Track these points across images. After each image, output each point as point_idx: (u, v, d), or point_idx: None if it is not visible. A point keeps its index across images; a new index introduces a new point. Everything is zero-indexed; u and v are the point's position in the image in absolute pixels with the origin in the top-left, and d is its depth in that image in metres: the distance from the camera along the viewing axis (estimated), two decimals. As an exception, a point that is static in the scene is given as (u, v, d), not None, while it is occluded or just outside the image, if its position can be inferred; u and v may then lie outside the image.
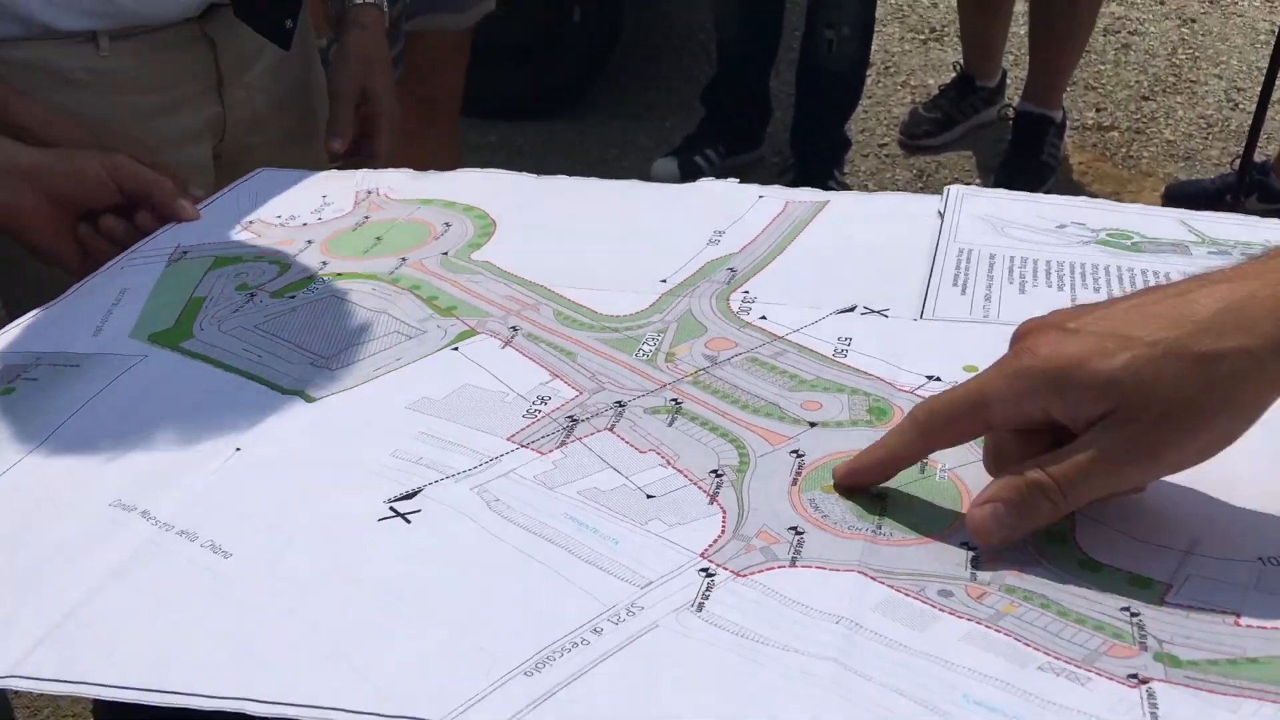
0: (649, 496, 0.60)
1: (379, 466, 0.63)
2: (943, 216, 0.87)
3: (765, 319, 0.75)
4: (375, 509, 0.60)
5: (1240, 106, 3.24)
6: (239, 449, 0.66)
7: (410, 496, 0.61)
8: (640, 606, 0.52)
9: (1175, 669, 0.48)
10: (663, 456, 0.63)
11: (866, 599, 0.53)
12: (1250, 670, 0.48)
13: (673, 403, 0.67)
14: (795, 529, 0.57)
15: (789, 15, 3.04)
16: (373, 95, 1.24)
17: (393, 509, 0.60)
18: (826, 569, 0.54)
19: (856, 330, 0.73)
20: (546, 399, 0.68)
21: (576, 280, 0.81)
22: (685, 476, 0.61)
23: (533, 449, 0.64)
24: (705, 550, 0.56)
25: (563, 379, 0.70)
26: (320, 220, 0.93)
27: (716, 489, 0.60)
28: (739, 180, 0.95)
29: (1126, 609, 0.51)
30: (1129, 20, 3.71)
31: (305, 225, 0.93)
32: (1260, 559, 0.54)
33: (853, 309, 0.76)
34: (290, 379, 0.72)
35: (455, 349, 0.74)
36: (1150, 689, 0.48)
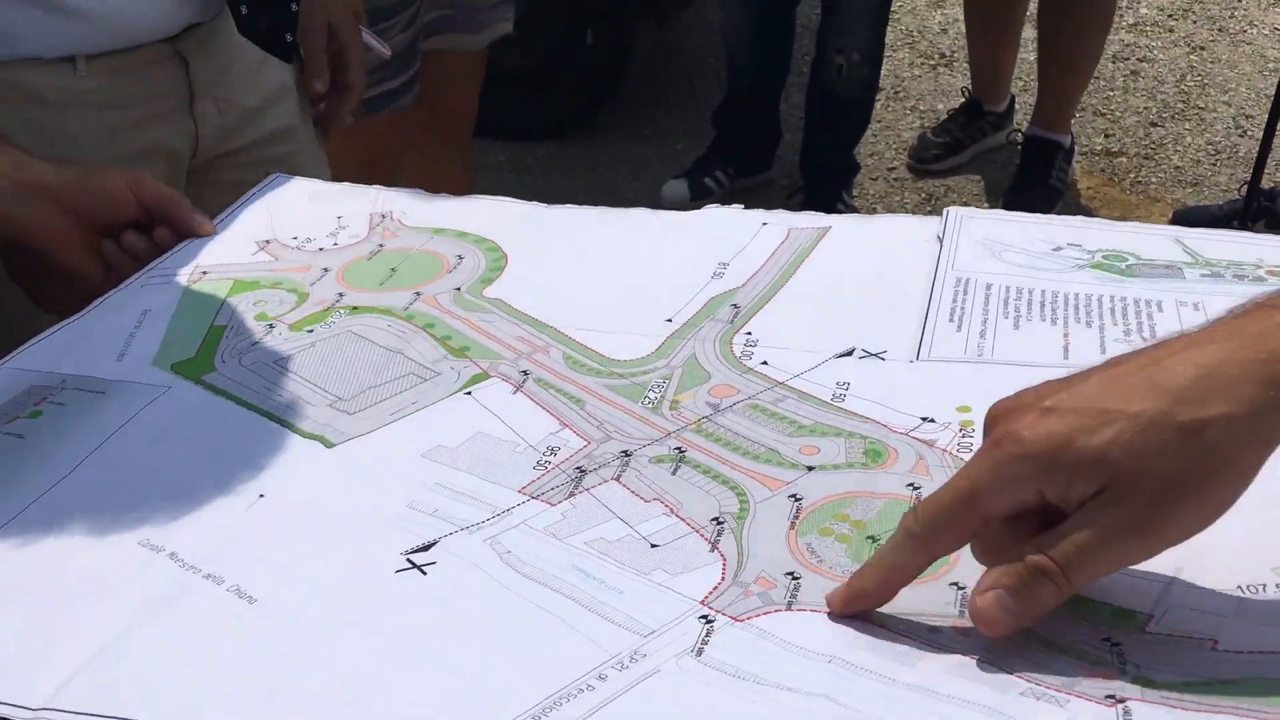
0: (653, 546, 0.62)
1: (396, 518, 0.65)
2: (941, 241, 0.89)
3: (767, 364, 0.77)
4: (393, 560, 0.62)
5: (1248, 133, 3.25)
6: (263, 495, 0.68)
7: (426, 549, 0.63)
8: (643, 653, 0.55)
9: (1152, 690, 0.51)
10: (666, 505, 0.65)
11: (859, 639, 0.55)
12: (1225, 690, 0.50)
13: (676, 451, 0.70)
14: (792, 574, 0.60)
15: (799, 40, 3.07)
16: (337, 30, 1.31)
17: (410, 561, 0.62)
18: (819, 612, 0.57)
19: (854, 375, 0.76)
20: (556, 449, 0.70)
21: (585, 321, 0.83)
22: (688, 525, 0.64)
23: (543, 500, 0.66)
24: (705, 597, 0.59)
25: (572, 428, 0.72)
26: (336, 246, 0.96)
27: (717, 536, 0.63)
28: (745, 204, 0.98)
29: (1107, 639, 0.54)
30: (1138, 47, 3.73)
31: (321, 250, 0.95)
32: (1240, 587, 0.56)
33: (851, 352, 0.78)
34: (310, 422, 0.74)
35: (468, 393, 0.76)
36: (1126, 707, 0.50)
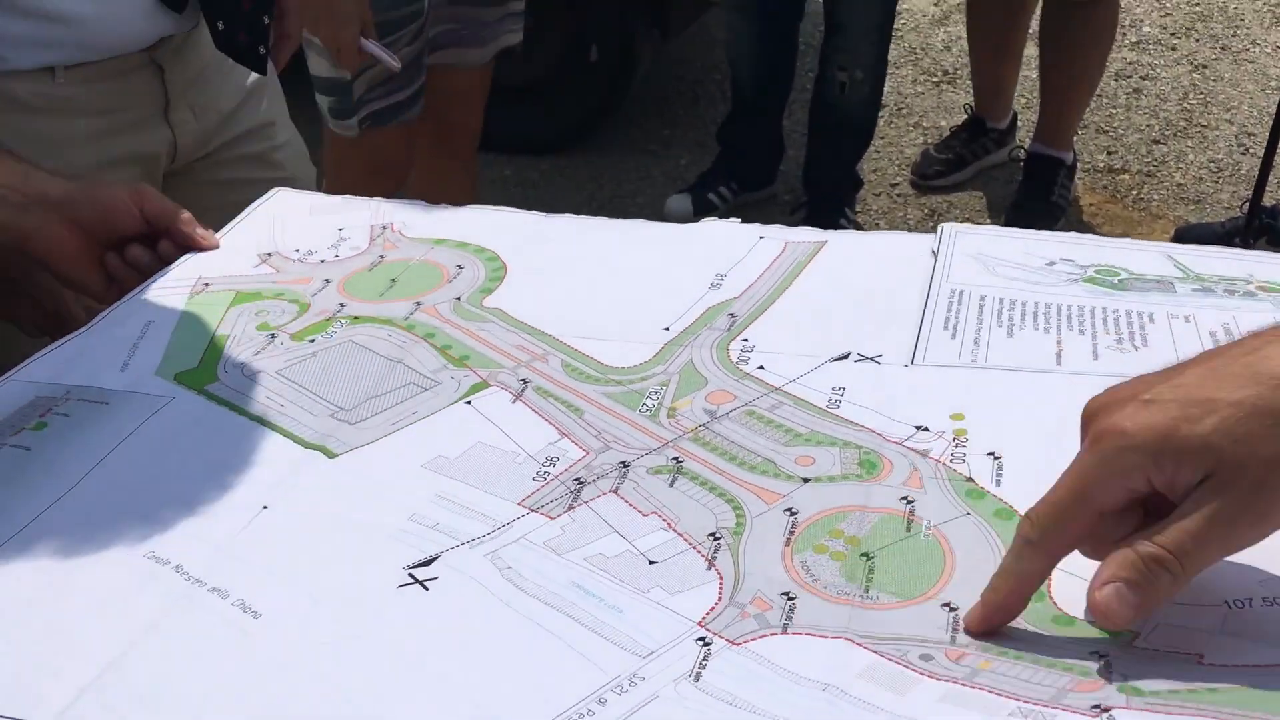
0: (651, 562, 0.63)
1: (398, 531, 0.66)
2: (936, 255, 0.90)
3: (763, 369, 0.78)
4: (395, 575, 0.63)
5: (1251, 151, 3.26)
6: (266, 507, 0.68)
7: (428, 563, 0.63)
8: (641, 677, 0.55)
9: (1138, 697, 0.51)
10: (664, 519, 0.66)
11: (852, 665, 0.55)
12: (1210, 697, 0.51)
13: (674, 461, 0.70)
14: (787, 594, 0.60)
15: (803, 57, 3.08)
16: None
17: (412, 575, 0.62)
18: (815, 635, 0.57)
19: (850, 379, 0.76)
20: (555, 460, 0.71)
21: (583, 330, 0.83)
22: (685, 540, 0.64)
23: (542, 513, 0.67)
24: (703, 619, 0.59)
25: (570, 438, 0.73)
26: (337, 258, 0.96)
27: (714, 553, 0.63)
28: (748, 219, 0.99)
29: (1095, 652, 0.55)
30: (1141, 65, 3.74)
31: (323, 263, 0.95)
32: (1227, 603, 0.56)
33: (846, 356, 0.78)
34: (312, 432, 0.75)
35: (468, 403, 0.76)
36: (1111, 715, 0.50)
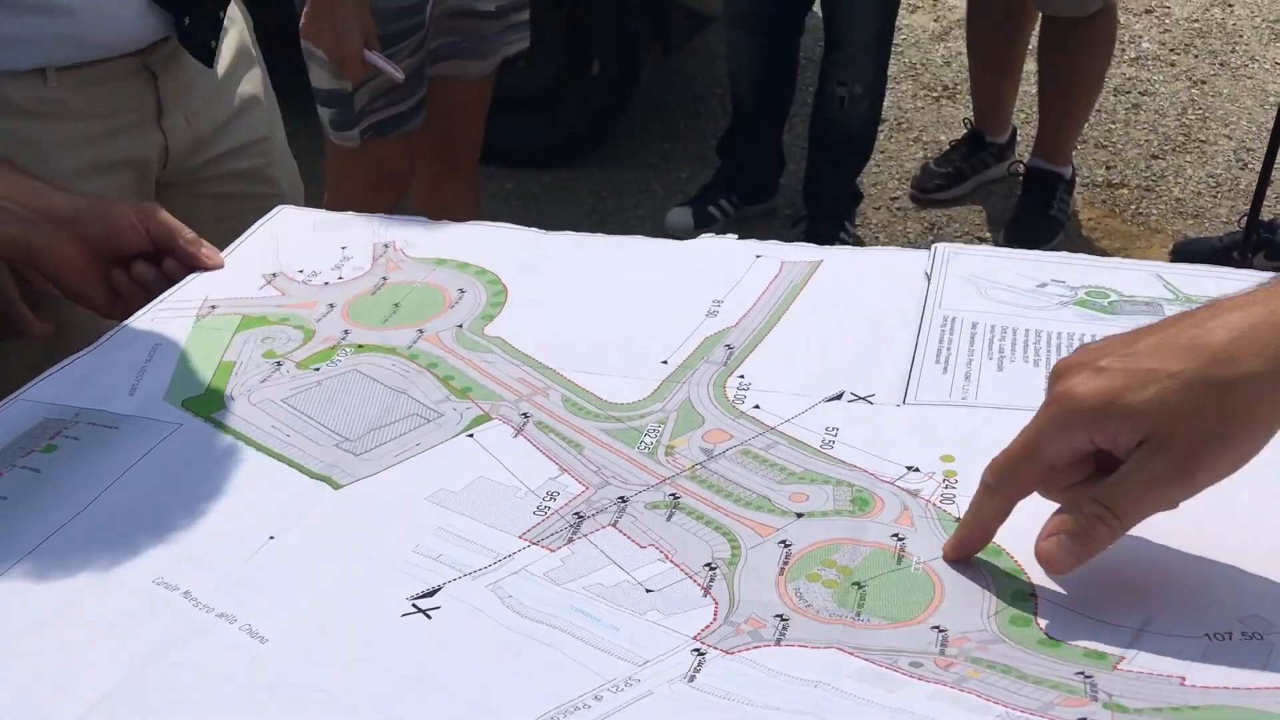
0: (648, 591, 0.65)
1: (402, 563, 0.68)
2: (929, 278, 0.92)
3: (759, 408, 0.80)
4: (399, 605, 0.64)
5: (1249, 166, 3.27)
6: (273, 537, 0.70)
7: (431, 594, 0.65)
8: (637, 679, 0.58)
9: (1122, 714, 0.53)
10: (662, 551, 0.68)
11: (842, 669, 0.58)
12: (1193, 715, 0.53)
13: (671, 497, 0.72)
14: (781, 616, 0.62)
15: (803, 71, 3.10)
16: None
17: (415, 606, 0.64)
18: (808, 647, 0.60)
19: (843, 419, 0.78)
20: (555, 494, 0.73)
21: (583, 363, 0.85)
22: (682, 570, 0.66)
23: (543, 546, 0.69)
24: (698, 634, 0.61)
25: (570, 473, 0.75)
26: (341, 279, 0.98)
27: (710, 582, 0.65)
28: (748, 232, 1.01)
29: (1081, 673, 0.57)
30: (1139, 81, 3.76)
31: (326, 285, 0.97)
32: (1207, 635, 0.59)
33: (840, 396, 0.80)
34: (318, 463, 0.77)
35: (470, 435, 0.78)
36: None
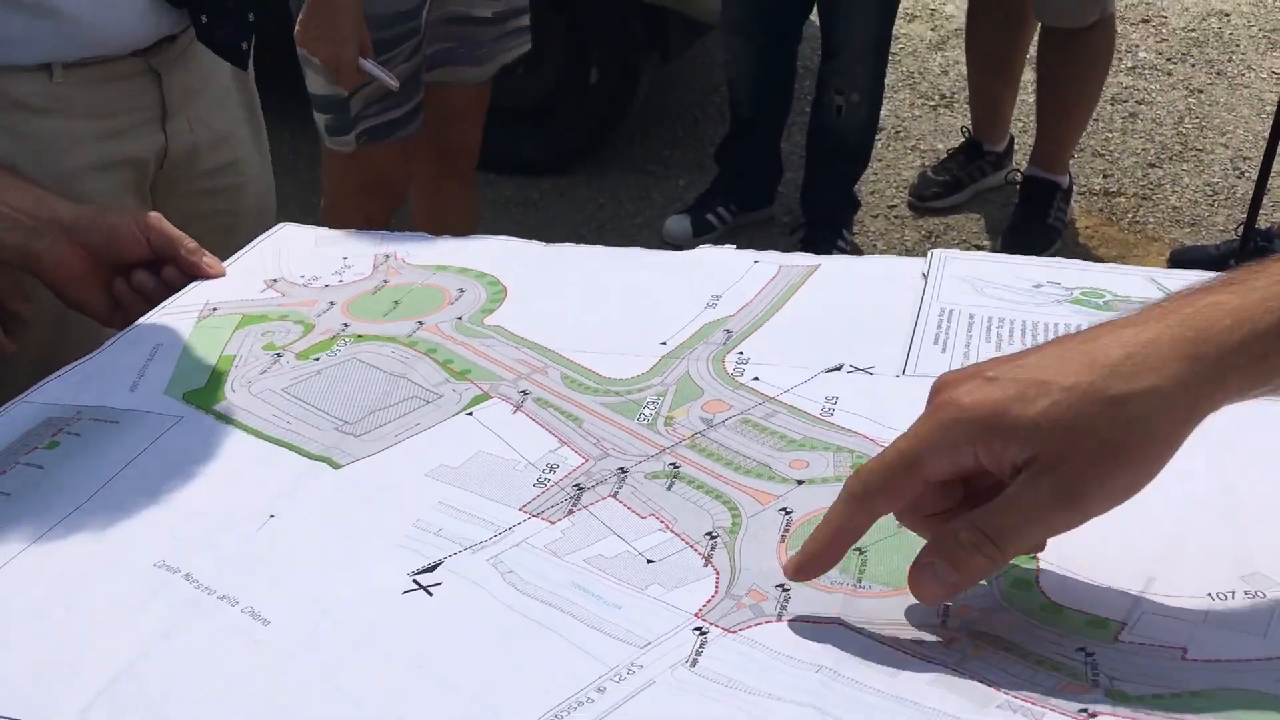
0: (649, 561, 0.64)
1: (402, 537, 0.67)
2: (926, 278, 0.92)
3: (758, 380, 0.80)
4: (400, 581, 0.64)
5: (1246, 175, 3.28)
6: (273, 516, 0.70)
7: (432, 569, 0.65)
8: (639, 665, 0.57)
9: (1123, 704, 0.53)
10: (662, 521, 0.67)
11: (846, 648, 0.57)
12: (1193, 702, 0.53)
13: (671, 467, 0.72)
14: (782, 586, 0.62)
15: (801, 79, 3.11)
16: None
17: (416, 582, 0.64)
18: (810, 622, 0.59)
19: (843, 389, 0.78)
20: (555, 467, 0.72)
21: (582, 344, 0.85)
22: (682, 540, 0.66)
23: (543, 518, 0.68)
24: (700, 610, 0.60)
25: (570, 445, 0.74)
26: (341, 282, 0.98)
27: (711, 550, 0.65)
28: (746, 239, 1.01)
29: (1082, 649, 0.56)
30: (1136, 90, 3.77)
31: (327, 287, 0.98)
32: (1209, 595, 0.58)
33: (839, 368, 0.80)
34: (318, 444, 0.76)
35: (470, 414, 0.78)
36: None
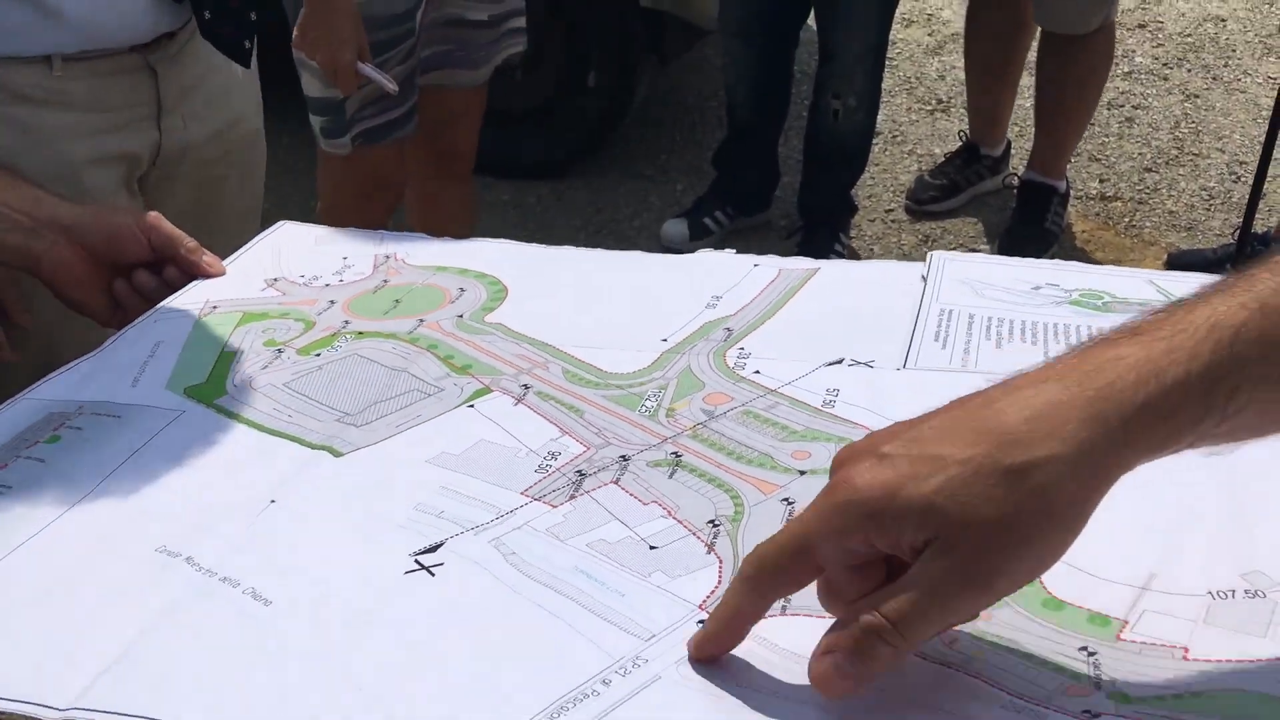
0: (652, 548, 0.64)
1: (404, 519, 0.67)
2: (925, 280, 0.92)
3: (759, 373, 0.80)
4: (401, 561, 0.64)
5: (1242, 179, 3.29)
6: (274, 501, 0.70)
7: (433, 550, 0.65)
8: (645, 659, 0.57)
9: (1126, 705, 0.53)
10: (664, 508, 0.67)
11: None
12: (1195, 704, 0.53)
13: (673, 455, 0.72)
14: None
15: (799, 84, 3.11)
16: None
17: (418, 562, 0.64)
18: (814, 616, 0.58)
19: (844, 382, 0.78)
20: (556, 454, 0.72)
21: (583, 340, 0.85)
22: (685, 527, 0.66)
23: (545, 502, 0.68)
24: (704, 601, 0.60)
25: (571, 435, 0.74)
26: (342, 282, 0.98)
27: (714, 539, 0.65)
28: (744, 243, 1.01)
29: (1084, 648, 0.56)
30: (1133, 95, 3.78)
31: (328, 286, 0.98)
32: (1210, 593, 0.58)
33: (840, 361, 0.80)
34: (319, 435, 0.76)
35: (471, 406, 0.78)
36: None
